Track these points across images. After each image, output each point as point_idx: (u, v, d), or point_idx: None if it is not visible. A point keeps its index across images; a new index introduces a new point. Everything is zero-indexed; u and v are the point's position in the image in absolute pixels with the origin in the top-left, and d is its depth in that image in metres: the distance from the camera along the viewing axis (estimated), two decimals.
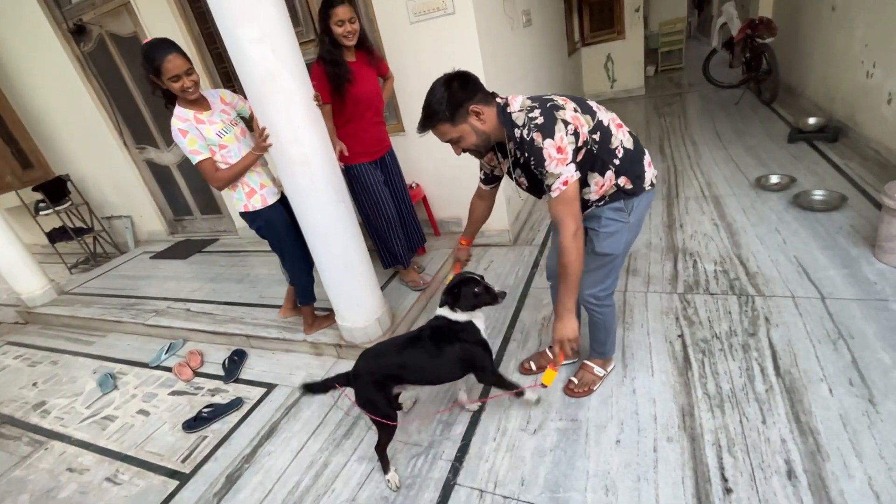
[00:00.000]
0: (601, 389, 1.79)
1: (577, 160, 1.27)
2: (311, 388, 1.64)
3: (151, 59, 1.74)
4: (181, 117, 1.84)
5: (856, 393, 1.54)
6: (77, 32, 3.65)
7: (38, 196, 4.23)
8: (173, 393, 2.40)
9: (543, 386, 1.45)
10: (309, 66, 1.95)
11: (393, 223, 2.53)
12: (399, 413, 1.78)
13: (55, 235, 4.39)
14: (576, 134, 1.24)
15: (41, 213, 4.28)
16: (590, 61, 6.63)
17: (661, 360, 1.87)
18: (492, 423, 1.77)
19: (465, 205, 1.77)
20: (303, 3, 2.81)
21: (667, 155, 4.03)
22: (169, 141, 3.97)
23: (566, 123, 1.23)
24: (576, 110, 1.28)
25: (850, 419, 1.46)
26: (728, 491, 1.34)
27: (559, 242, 1.32)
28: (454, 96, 1.26)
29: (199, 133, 1.87)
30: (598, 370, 1.80)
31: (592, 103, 1.36)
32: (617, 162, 1.35)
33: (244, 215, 2.10)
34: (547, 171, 1.24)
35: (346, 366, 2.26)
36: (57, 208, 4.26)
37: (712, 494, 1.34)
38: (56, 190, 4.30)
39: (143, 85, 3.76)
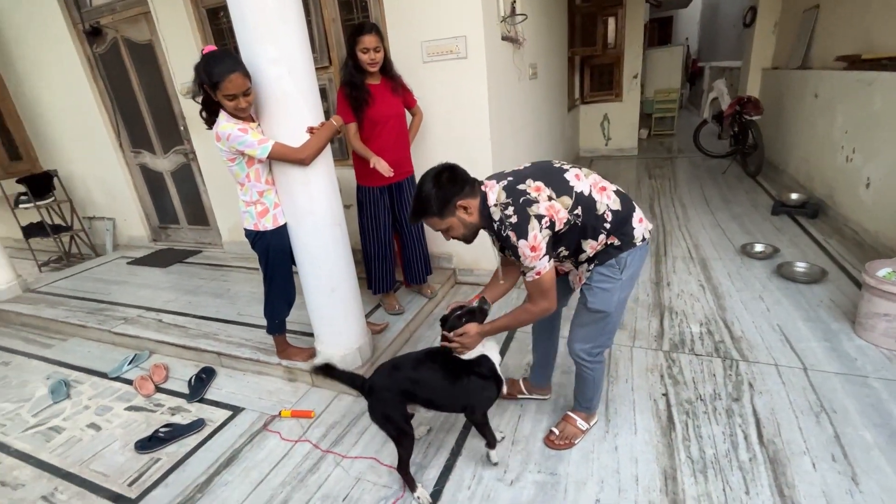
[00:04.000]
0: (582, 443, 1.73)
1: (561, 234, 1.35)
2: (328, 371, 1.53)
3: (210, 72, 1.66)
4: (232, 121, 1.75)
5: (838, 469, 1.52)
6: (92, 34, 3.69)
7: (21, 189, 4.11)
8: (130, 408, 2.25)
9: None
10: (322, 91, 1.98)
11: (385, 249, 2.53)
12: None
13: (31, 230, 4.24)
14: (551, 225, 1.30)
15: (21, 205, 4.14)
16: (587, 118, 6.93)
17: (644, 418, 1.83)
18: (467, 469, 1.68)
19: (458, 242, 1.73)
20: (320, 32, 2.91)
21: (656, 214, 4.15)
22: (167, 147, 3.95)
23: (540, 218, 1.29)
24: (550, 198, 1.31)
25: (834, 497, 1.43)
26: None
27: (528, 305, 1.46)
28: (442, 191, 1.32)
29: (254, 129, 1.78)
30: (581, 423, 1.75)
31: (571, 173, 1.37)
32: (608, 225, 1.38)
33: (249, 234, 1.99)
34: (523, 265, 1.34)
35: (321, 394, 2.18)
36: (38, 203, 4.13)
37: None
38: (41, 184, 4.18)
39: (149, 91, 3.77)
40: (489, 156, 2.83)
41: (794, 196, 3.85)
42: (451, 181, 1.33)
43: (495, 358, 1.58)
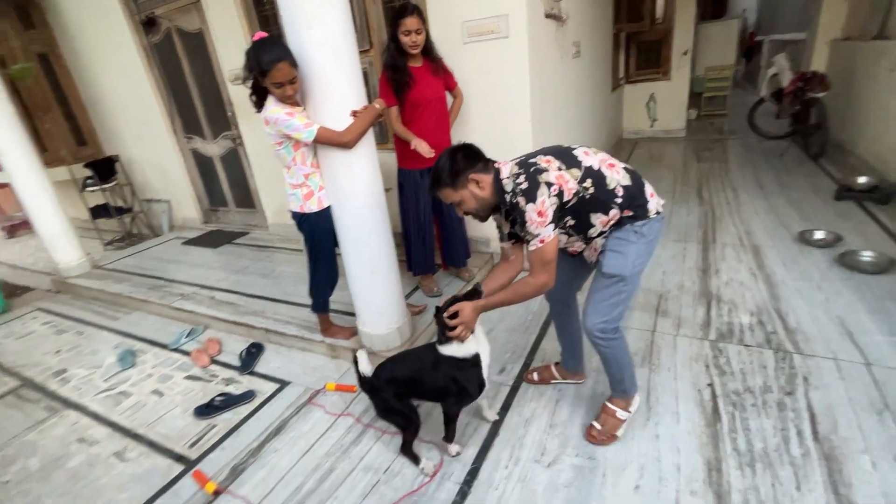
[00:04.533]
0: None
1: (569, 207, 1.38)
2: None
3: (260, 60, 1.70)
4: (279, 105, 1.80)
5: None
6: (147, 24, 3.87)
7: (88, 173, 4.42)
8: (188, 377, 2.42)
9: None
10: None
11: (424, 232, 2.56)
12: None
13: (97, 211, 4.57)
14: (559, 194, 1.34)
15: (88, 189, 4.47)
16: (632, 98, 6.62)
17: (687, 407, 1.78)
18: (504, 450, 1.71)
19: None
20: (361, 14, 2.92)
21: (704, 199, 3.95)
22: (216, 133, 4.12)
23: (549, 185, 1.33)
24: (560, 168, 1.37)
25: (894, 498, 1.35)
26: None
27: (527, 278, 1.45)
28: (456, 165, 1.41)
29: (301, 113, 1.83)
30: (620, 413, 1.68)
31: (579, 151, 1.44)
32: (619, 200, 1.41)
33: (295, 216, 2.07)
34: (528, 231, 1.37)
35: None
36: (103, 186, 4.44)
37: None
38: (105, 169, 4.49)
39: (200, 78, 3.93)
40: (529, 138, 2.78)
41: (861, 180, 3.55)
42: (466, 157, 1.42)
43: (485, 359, 1.58)
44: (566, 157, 1.41)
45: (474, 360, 1.56)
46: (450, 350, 1.55)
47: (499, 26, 2.57)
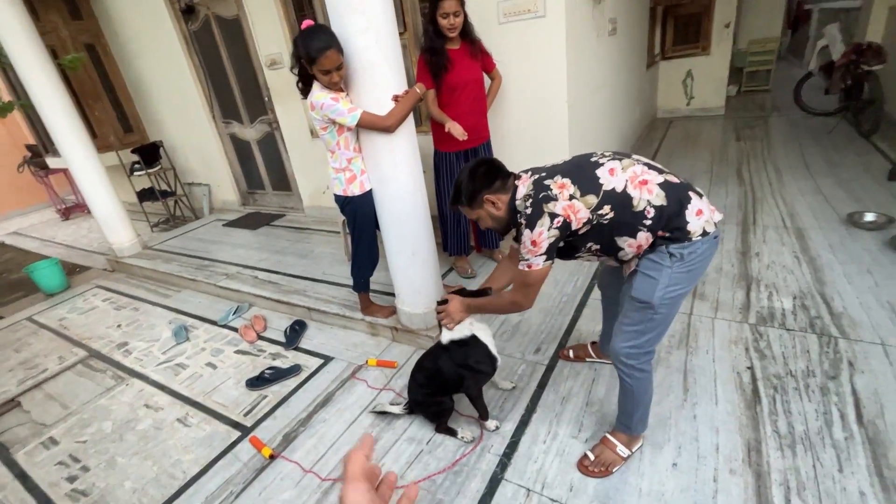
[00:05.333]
0: (657, 409, 1.73)
1: (584, 233, 1.32)
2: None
3: (308, 48, 1.74)
4: (325, 91, 1.86)
5: None
6: (187, 11, 3.97)
7: (135, 158, 4.64)
8: (238, 352, 2.58)
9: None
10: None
11: (460, 214, 2.60)
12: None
13: (144, 195, 4.81)
14: (564, 225, 1.27)
15: (135, 173, 4.69)
16: (668, 76, 6.38)
17: (726, 389, 1.79)
18: (542, 426, 1.77)
19: None
20: None
21: (745, 180, 3.82)
22: (253, 117, 4.24)
23: (553, 217, 1.27)
24: (572, 197, 1.27)
25: None
26: None
27: (508, 293, 1.48)
28: (473, 185, 1.41)
29: (345, 98, 1.89)
30: (621, 449, 1.54)
31: (605, 168, 1.29)
32: (648, 222, 1.26)
33: (339, 199, 2.14)
34: (521, 252, 1.36)
35: (401, 349, 2.35)
36: (149, 171, 4.66)
37: None
38: (150, 154, 4.70)
39: (237, 64, 4.03)
40: (565, 119, 2.76)
41: None
42: (485, 176, 1.40)
43: (486, 339, 1.66)
44: (585, 178, 1.29)
45: (473, 341, 1.65)
46: (447, 336, 1.67)
47: (536, 5, 2.53)
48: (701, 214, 1.27)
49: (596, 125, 3.49)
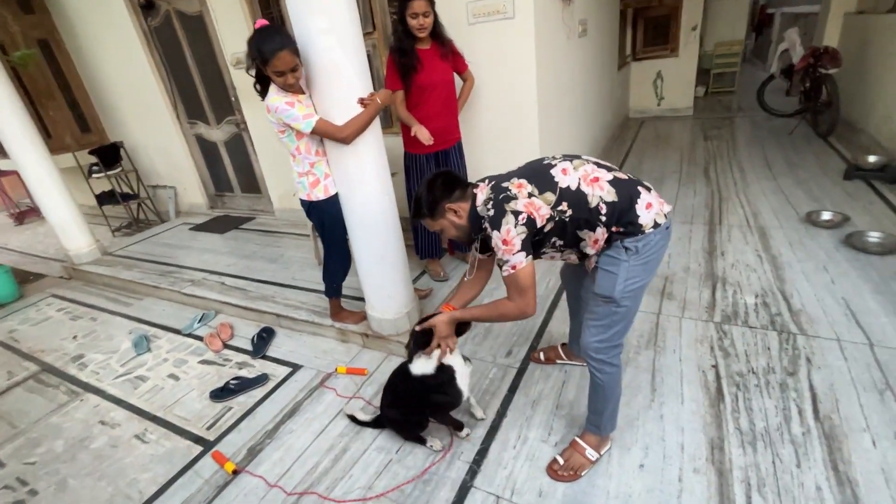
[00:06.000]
0: (626, 411, 1.75)
1: (549, 231, 1.32)
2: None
3: (261, 49, 1.70)
4: (280, 94, 1.80)
5: None
6: (146, 7, 3.81)
7: (93, 159, 4.43)
8: (203, 361, 2.48)
9: None
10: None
11: None
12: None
13: (103, 198, 4.60)
14: (530, 222, 1.28)
15: (93, 175, 4.48)
16: (639, 77, 6.51)
17: (692, 388, 1.82)
18: (513, 430, 1.76)
19: None
20: None
21: (711, 179, 3.93)
22: (220, 118, 4.11)
23: (516, 214, 1.28)
24: (531, 195, 1.30)
25: (894, 474, 1.39)
26: None
27: (506, 300, 1.40)
28: (432, 195, 1.40)
29: (302, 102, 1.83)
30: (589, 452, 1.55)
31: (557, 169, 1.33)
32: (603, 218, 1.30)
33: (303, 203, 2.08)
34: (499, 257, 1.34)
35: (371, 355, 2.31)
36: (108, 172, 4.45)
37: None
38: (110, 155, 4.49)
39: (201, 62, 3.90)
40: (535, 120, 2.76)
41: (872, 159, 3.51)
42: (443, 186, 1.41)
43: (458, 366, 1.58)
44: (541, 178, 1.32)
45: (449, 374, 1.56)
46: (420, 367, 1.58)
47: (504, 6, 2.52)
48: (651, 207, 1.31)
49: (568, 125, 3.51)
